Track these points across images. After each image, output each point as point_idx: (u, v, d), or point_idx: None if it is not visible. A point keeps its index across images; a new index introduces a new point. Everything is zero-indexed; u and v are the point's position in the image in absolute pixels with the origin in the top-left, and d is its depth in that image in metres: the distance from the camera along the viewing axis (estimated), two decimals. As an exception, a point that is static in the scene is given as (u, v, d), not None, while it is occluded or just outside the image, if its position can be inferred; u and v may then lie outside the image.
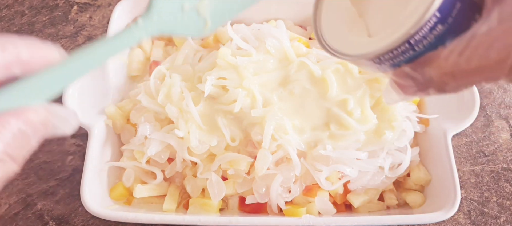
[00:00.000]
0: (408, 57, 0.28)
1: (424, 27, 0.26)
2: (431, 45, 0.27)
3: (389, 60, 0.28)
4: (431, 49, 0.27)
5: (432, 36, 0.26)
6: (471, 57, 0.24)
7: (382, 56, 0.28)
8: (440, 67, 0.26)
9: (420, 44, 0.27)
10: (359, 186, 0.55)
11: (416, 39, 0.26)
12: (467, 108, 0.55)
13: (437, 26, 0.26)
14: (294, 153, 0.52)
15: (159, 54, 0.65)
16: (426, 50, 0.27)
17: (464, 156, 0.63)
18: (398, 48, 0.27)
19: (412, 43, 0.27)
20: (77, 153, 0.63)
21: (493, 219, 0.59)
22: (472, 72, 0.25)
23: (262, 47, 0.58)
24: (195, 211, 0.54)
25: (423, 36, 0.26)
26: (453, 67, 0.25)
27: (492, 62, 0.24)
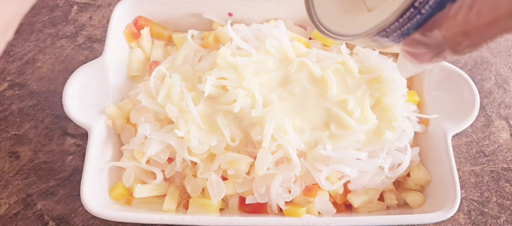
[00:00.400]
0: (416, 22, 0.26)
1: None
2: (438, 4, 0.25)
3: (397, 30, 0.27)
4: (439, 8, 0.25)
5: None
6: (482, 10, 0.23)
7: (389, 27, 0.26)
8: (451, 27, 0.24)
9: (427, 5, 0.25)
10: (359, 186, 0.55)
11: (421, 1, 0.25)
12: (467, 108, 0.55)
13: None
14: (294, 153, 0.52)
15: (159, 54, 0.65)
16: (433, 11, 0.25)
17: (464, 156, 0.63)
18: (404, 14, 0.25)
19: (418, 6, 0.25)
20: (77, 153, 0.63)
21: (493, 219, 0.59)
22: (486, 26, 0.23)
23: (262, 47, 0.58)
24: (195, 211, 0.54)
25: (424, 2, 0.25)
26: (465, 24, 0.24)
27: (505, 11, 0.22)
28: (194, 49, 0.62)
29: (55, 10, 0.75)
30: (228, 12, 0.65)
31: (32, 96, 0.68)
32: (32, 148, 0.64)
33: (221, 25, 0.64)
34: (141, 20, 0.65)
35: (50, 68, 0.70)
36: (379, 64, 0.56)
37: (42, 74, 0.70)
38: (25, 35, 0.73)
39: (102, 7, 0.76)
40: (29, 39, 0.73)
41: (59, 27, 0.74)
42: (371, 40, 0.28)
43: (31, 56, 0.71)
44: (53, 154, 0.63)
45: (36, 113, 0.66)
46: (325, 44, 0.62)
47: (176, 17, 0.66)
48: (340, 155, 0.52)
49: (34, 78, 0.69)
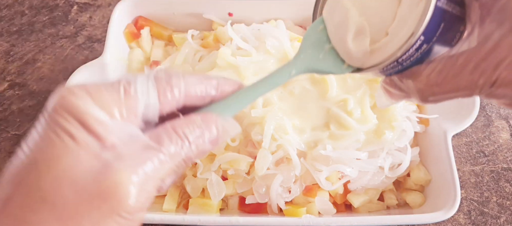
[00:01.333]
0: (396, 70, 0.30)
1: (410, 49, 0.27)
2: (417, 60, 0.28)
3: (380, 71, 0.30)
4: (417, 63, 0.29)
5: (418, 54, 0.28)
6: (448, 76, 0.27)
7: (372, 70, 0.30)
8: (422, 82, 0.28)
9: (407, 61, 0.29)
10: (359, 186, 0.55)
11: (403, 58, 0.28)
12: (467, 108, 0.55)
13: (422, 46, 0.28)
14: (294, 153, 0.52)
15: (159, 54, 0.65)
16: (412, 64, 0.29)
17: (464, 156, 0.63)
18: (387, 65, 0.29)
19: (399, 61, 0.29)
20: (77, 153, 0.63)
21: (493, 219, 0.59)
22: (448, 89, 0.27)
23: (262, 47, 0.58)
24: (195, 211, 0.54)
25: (410, 55, 0.28)
26: (433, 83, 0.28)
27: (465, 83, 0.26)
28: (194, 49, 0.62)
29: (55, 10, 0.75)
30: (228, 12, 0.65)
31: (32, 97, 0.68)
32: (32, 148, 0.63)
33: (221, 25, 0.64)
34: (141, 20, 0.65)
35: (50, 68, 0.70)
36: (379, 64, 0.56)
37: (42, 74, 0.70)
38: (25, 35, 0.73)
39: (102, 7, 0.76)
40: (29, 39, 0.73)
41: (59, 27, 0.74)
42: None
43: (31, 56, 0.71)
44: (53, 154, 0.63)
45: (36, 113, 0.66)
46: (325, 44, 0.62)
47: (176, 17, 0.66)
48: (340, 155, 0.52)
49: (34, 78, 0.69)
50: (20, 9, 0.76)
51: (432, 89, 0.28)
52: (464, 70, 0.26)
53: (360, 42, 0.31)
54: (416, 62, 0.29)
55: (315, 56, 0.34)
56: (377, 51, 0.30)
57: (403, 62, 0.29)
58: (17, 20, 0.74)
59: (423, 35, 0.27)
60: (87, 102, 0.24)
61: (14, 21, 0.74)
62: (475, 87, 0.26)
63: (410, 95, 0.30)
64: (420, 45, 0.27)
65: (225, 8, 0.64)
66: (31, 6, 0.76)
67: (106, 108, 0.25)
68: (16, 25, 0.74)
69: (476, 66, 0.26)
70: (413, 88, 0.29)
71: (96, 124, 0.24)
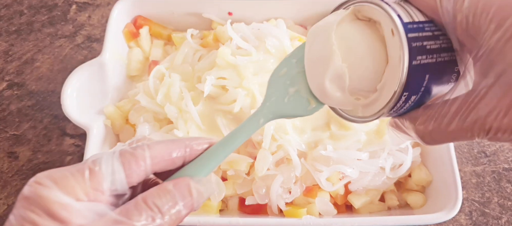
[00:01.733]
0: (396, 115, 0.30)
1: (397, 103, 0.28)
2: (413, 107, 0.29)
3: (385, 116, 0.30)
4: (415, 107, 0.29)
5: (410, 103, 0.28)
6: (443, 124, 0.27)
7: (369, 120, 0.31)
8: (419, 129, 0.29)
9: (402, 110, 0.29)
10: (360, 186, 0.54)
11: (394, 110, 0.29)
12: (468, 108, 0.55)
13: (411, 97, 0.28)
14: (295, 153, 0.52)
15: (158, 53, 0.65)
16: (409, 110, 0.29)
17: (465, 157, 0.63)
18: (383, 115, 0.29)
19: (393, 112, 0.29)
20: (76, 153, 0.63)
21: (495, 220, 0.59)
22: (446, 136, 0.27)
23: (262, 47, 0.57)
24: (195, 212, 0.53)
25: (401, 106, 0.28)
26: (430, 131, 0.28)
27: (461, 131, 0.26)
28: (194, 48, 0.62)
29: (54, 10, 0.75)
30: (228, 12, 0.64)
31: (30, 96, 0.67)
32: (31, 148, 0.63)
33: (221, 25, 0.64)
34: (140, 19, 0.65)
35: (49, 68, 0.70)
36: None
37: (40, 74, 0.69)
38: (24, 35, 0.73)
39: (101, 6, 0.75)
40: (28, 39, 0.72)
41: (58, 26, 0.73)
42: None
43: (30, 56, 0.71)
44: (52, 154, 0.63)
45: (35, 113, 0.66)
46: (325, 43, 0.62)
47: (176, 16, 0.66)
48: (341, 155, 0.52)
49: (33, 78, 0.69)
50: (19, 8, 0.75)
51: (431, 136, 0.28)
52: (458, 118, 0.26)
53: (337, 85, 0.31)
54: (414, 107, 0.29)
55: (280, 101, 0.35)
56: (370, 105, 0.30)
57: (398, 110, 0.29)
58: (16, 20, 0.74)
59: (406, 91, 0.27)
60: (52, 191, 0.26)
61: (13, 20, 0.74)
62: (471, 135, 0.26)
63: (410, 136, 0.31)
64: (407, 98, 0.28)
65: (225, 7, 0.64)
66: (30, 6, 0.75)
67: (71, 193, 0.26)
68: (15, 24, 0.74)
69: (468, 115, 0.26)
70: (413, 132, 0.29)
71: (60, 210, 0.25)
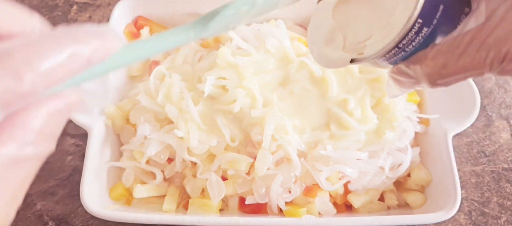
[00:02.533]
0: (402, 57, 0.30)
1: (409, 33, 0.27)
2: (421, 44, 0.28)
3: (386, 60, 0.30)
4: (422, 47, 0.28)
5: (420, 38, 0.28)
6: (454, 57, 0.26)
7: (377, 58, 0.30)
8: (428, 66, 0.28)
9: (410, 46, 0.28)
10: (359, 186, 0.55)
11: (404, 43, 0.28)
12: (467, 109, 0.55)
13: (423, 29, 0.27)
14: (294, 153, 0.52)
15: (159, 54, 0.65)
16: (417, 49, 0.29)
17: (464, 156, 0.63)
18: (390, 52, 0.29)
19: (401, 47, 0.28)
20: (77, 153, 0.63)
21: (494, 220, 0.59)
22: (456, 71, 0.27)
23: (262, 47, 0.58)
24: (195, 212, 0.53)
25: (411, 40, 0.28)
26: (440, 66, 0.27)
27: (473, 62, 0.25)
28: (194, 49, 0.62)
29: (54, 10, 0.75)
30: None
31: (31, 96, 0.67)
32: (32, 148, 0.63)
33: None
34: (140, 20, 0.65)
35: (50, 68, 0.70)
36: (379, 64, 0.56)
37: (41, 74, 0.69)
38: (24, 35, 0.73)
39: (101, 7, 0.76)
40: (29, 39, 0.72)
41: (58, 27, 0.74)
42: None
43: (30, 56, 0.71)
44: (52, 154, 0.63)
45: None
46: (325, 44, 0.62)
47: (176, 16, 0.66)
48: (341, 155, 0.52)
49: (34, 78, 0.69)
50: (20, 8, 0.75)
51: (440, 72, 0.27)
52: (470, 48, 0.25)
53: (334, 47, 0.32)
54: (421, 47, 0.28)
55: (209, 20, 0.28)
56: (378, 41, 0.30)
57: (406, 48, 0.28)
58: (16, 20, 0.74)
59: (421, 19, 0.27)
60: None
61: (13, 20, 0.74)
62: (484, 65, 0.25)
63: (419, 81, 0.30)
64: (419, 28, 0.27)
65: (225, 8, 0.64)
66: (30, 6, 0.76)
67: None
68: (16, 25, 0.74)
69: (482, 43, 0.25)
70: (421, 73, 0.28)
71: None
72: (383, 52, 0.29)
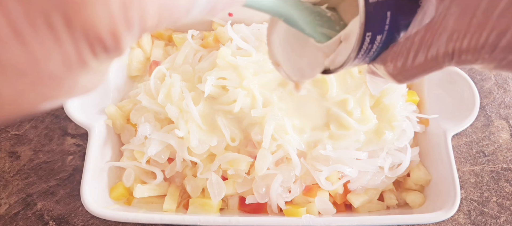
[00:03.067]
0: (368, 60, 0.30)
1: (362, 45, 0.28)
2: (382, 47, 0.29)
3: (358, 63, 0.30)
4: (384, 48, 0.29)
5: (378, 44, 0.28)
6: (409, 58, 0.27)
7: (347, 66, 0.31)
8: (389, 67, 0.29)
9: (370, 53, 0.29)
10: (359, 186, 0.55)
11: (362, 54, 0.28)
12: (467, 109, 0.55)
13: (376, 37, 0.28)
14: (294, 153, 0.52)
15: (159, 54, 0.65)
16: (379, 52, 0.29)
17: (464, 156, 0.63)
18: (354, 60, 0.29)
19: (360, 57, 0.29)
20: (77, 153, 0.63)
21: (493, 219, 0.59)
22: (416, 70, 0.28)
23: (262, 47, 0.58)
24: (195, 211, 0.54)
25: (367, 50, 0.28)
26: (400, 67, 0.28)
27: (427, 60, 0.27)
28: (194, 49, 0.62)
29: (55, 10, 0.75)
30: (228, 12, 0.65)
31: (32, 96, 0.67)
32: (32, 147, 0.64)
33: (221, 25, 0.64)
34: (141, 20, 0.65)
35: (50, 68, 0.70)
36: (379, 64, 0.56)
37: (42, 74, 0.69)
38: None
39: (102, 7, 0.76)
40: (29, 39, 0.73)
41: (59, 27, 0.74)
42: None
43: (31, 56, 0.71)
44: (53, 153, 0.63)
45: (36, 113, 0.66)
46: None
47: (176, 17, 0.66)
48: (340, 155, 0.52)
49: (34, 78, 0.69)
50: (20, 9, 0.75)
51: (401, 73, 0.28)
52: (422, 48, 0.26)
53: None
54: (383, 49, 0.29)
55: None
56: (338, 55, 0.30)
57: (367, 54, 0.29)
58: (17, 20, 0.74)
59: (369, 31, 0.27)
60: None
61: (14, 21, 0.74)
62: (437, 61, 0.26)
63: (386, 79, 0.31)
64: (371, 39, 0.27)
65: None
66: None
67: None
68: (16, 25, 0.74)
69: (431, 44, 0.26)
70: (385, 74, 0.30)
71: None
72: (348, 62, 0.30)
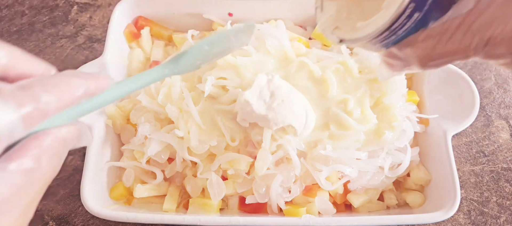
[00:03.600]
0: (393, 41, 0.31)
1: (400, 16, 0.29)
2: (412, 29, 0.30)
3: (380, 42, 0.32)
4: (413, 32, 0.30)
5: (410, 23, 0.29)
6: (442, 40, 0.28)
7: (369, 40, 0.32)
8: (419, 49, 0.30)
9: (400, 30, 0.30)
10: (359, 186, 0.55)
11: (395, 27, 0.29)
12: (467, 108, 0.55)
13: (414, 14, 0.29)
14: (294, 153, 0.52)
15: (159, 54, 0.66)
16: (407, 34, 0.30)
17: (464, 156, 0.63)
18: (381, 34, 0.30)
19: (393, 30, 0.30)
20: (77, 153, 0.63)
21: (493, 219, 0.59)
22: (444, 53, 0.29)
23: (262, 47, 0.58)
24: (195, 211, 0.54)
25: (402, 24, 0.29)
26: (429, 49, 0.29)
27: (459, 45, 0.28)
28: (194, 49, 0.62)
29: (55, 10, 0.75)
30: (228, 12, 0.65)
31: (32, 96, 0.67)
32: (32, 148, 0.63)
33: (221, 25, 0.64)
34: (141, 20, 0.65)
35: (50, 68, 0.70)
36: (379, 64, 0.56)
37: (42, 74, 0.69)
38: (25, 35, 0.73)
39: (102, 7, 0.76)
40: (29, 39, 0.73)
41: (59, 27, 0.74)
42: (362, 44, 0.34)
43: (31, 56, 0.71)
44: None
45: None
46: (325, 44, 0.62)
47: (176, 17, 0.66)
48: (340, 155, 0.52)
49: (34, 78, 0.69)
50: (20, 9, 0.76)
51: (430, 54, 0.29)
52: (458, 33, 0.27)
53: None
54: (412, 32, 0.30)
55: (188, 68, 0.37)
56: (371, 24, 0.31)
57: (397, 31, 0.30)
58: (17, 20, 0.74)
59: (413, 2, 0.28)
60: None
61: (14, 21, 0.74)
62: (468, 49, 0.27)
63: (410, 63, 0.31)
64: (411, 13, 0.28)
65: (225, 8, 0.64)
66: (31, 6, 0.76)
67: None
68: (16, 25, 0.74)
69: (468, 28, 0.27)
70: (412, 55, 0.30)
71: None
72: (375, 35, 0.31)
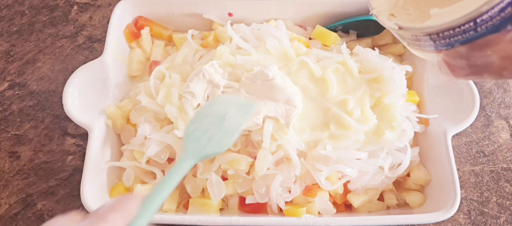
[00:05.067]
0: (467, 37, 0.27)
1: (495, 7, 0.25)
2: (494, 27, 0.26)
3: (446, 38, 0.27)
4: (493, 31, 0.26)
5: (499, 18, 0.25)
6: None
7: (442, 32, 0.27)
8: (503, 50, 0.25)
9: (485, 25, 0.26)
10: (359, 186, 0.55)
11: (483, 19, 0.25)
12: (467, 109, 0.55)
13: (507, 8, 0.25)
14: (294, 153, 0.52)
15: (159, 54, 0.65)
16: (487, 32, 0.26)
17: (464, 156, 0.63)
18: (462, 25, 0.26)
19: (478, 22, 0.26)
20: (77, 153, 0.63)
21: (493, 219, 0.59)
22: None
23: (262, 47, 0.58)
24: (195, 211, 0.54)
25: (491, 17, 0.25)
26: None
27: None
28: (194, 49, 0.62)
29: (55, 10, 0.75)
30: (228, 12, 0.65)
31: (32, 97, 0.68)
32: (32, 148, 0.64)
33: (221, 25, 0.64)
34: (141, 20, 0.65)
35: (50, 68, 0.70)
36: (379, 64, 0.56)
37: (42, 74, 0.70)
38: (25, 35, 0.73)
39: (102, 7, 0.76)
40: (29, 39, 0.73)
41: (59, 27, 0.74)
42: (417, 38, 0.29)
43: (31, 56, 0.71)
44: (53, 154, 0.63)
45: (36, 113, 0.66)
46: (325, 44, 0.62)
47: (176, 17, 0.66)
48: (340, 155, 0.52)
49: (34, 78, 0.69)
50: (20, 9, 0.76)
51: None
52: None
53: None
54: (493, 30, 0.26)
55: (198, 147, 0.44)
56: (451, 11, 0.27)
57: (480, 26, 0.26)
58: (17, 20, 0.74)
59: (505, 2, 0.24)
60: None
61: (14, 21, 0.74)
62: None
63: (483, 69, 0.26)
64: (506, 4, 0.25)
65: (225, 8, 0.64)
66: (31, 6, 0.76)
67: None
68: (16, 25, 0.74)
69: None
70: (490, 59, 0.25)
71: None
72: (453, 26, 0.26)
